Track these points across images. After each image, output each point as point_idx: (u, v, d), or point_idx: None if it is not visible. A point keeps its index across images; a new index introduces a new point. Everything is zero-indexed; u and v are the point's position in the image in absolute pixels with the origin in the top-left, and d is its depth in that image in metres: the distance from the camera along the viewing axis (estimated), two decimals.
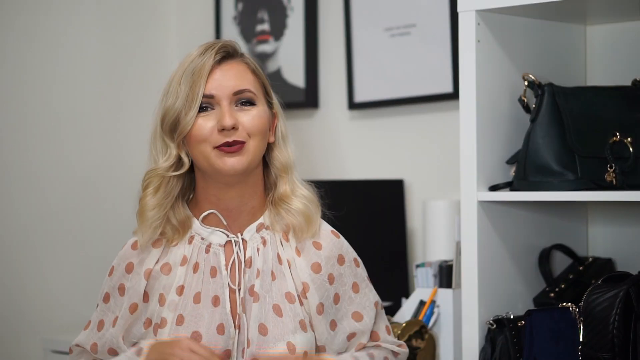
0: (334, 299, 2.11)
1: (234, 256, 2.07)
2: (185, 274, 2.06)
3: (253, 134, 2.04)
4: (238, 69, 2.07)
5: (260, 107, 2.07)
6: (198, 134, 2.03)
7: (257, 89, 2.08)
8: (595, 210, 2.66)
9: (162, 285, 2.06)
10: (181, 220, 2.09)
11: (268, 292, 2.06)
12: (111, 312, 2.11)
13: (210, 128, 2.02)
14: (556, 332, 2.26)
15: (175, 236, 2.08)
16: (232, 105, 2.04)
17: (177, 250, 2.08)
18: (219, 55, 2.06)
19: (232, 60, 2.08)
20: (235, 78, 2.06)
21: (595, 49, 2.65)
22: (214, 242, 2.08)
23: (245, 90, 2.05)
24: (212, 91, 2.03)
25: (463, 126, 2.37)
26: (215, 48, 2.06)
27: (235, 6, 3.62)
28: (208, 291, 2.05)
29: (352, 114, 3.37)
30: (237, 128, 2.02)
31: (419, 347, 2.64)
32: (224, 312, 2.04)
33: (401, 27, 3.20)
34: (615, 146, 2.32)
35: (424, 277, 2.79)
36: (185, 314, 2.03)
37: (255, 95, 2.06)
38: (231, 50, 2.08)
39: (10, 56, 3.36)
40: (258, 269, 2.06)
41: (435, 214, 2.96)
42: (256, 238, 2.09)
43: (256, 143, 2.04)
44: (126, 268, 2.10)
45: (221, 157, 2.02)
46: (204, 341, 2.01)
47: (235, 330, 2.03)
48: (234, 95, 2.04)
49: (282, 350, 2.02)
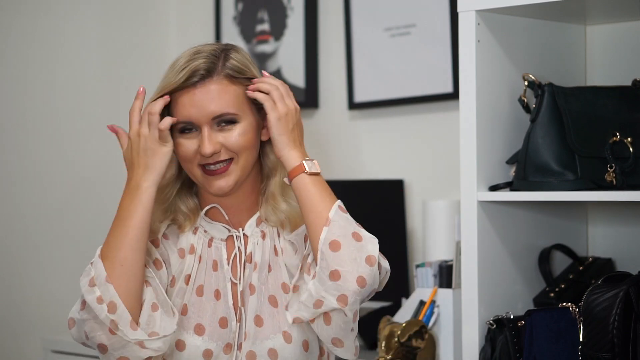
0: None
1: (235, 251, 2.08)
2: (193, 263, 2.08)
3: (238, 151, 2.03)
4: (217, 90, 2.02)
5: (243, 123, 2.04)
6: (183, 155, 2.04)
7: (239, 102, 2.04)
8: (595, 210, 2.66)
9: (176, 269, 2.07)
10: (191, 208, 2.10)
11: (264, 284, 2.07)
12: None
13: (194, 150, 2.03)
14: (556, 332, 2.26)
15: (186, 222, 2.09)
16: (214, 126, 2.03)
17: (185, 238, 2.09)
18: (195, 79, 2.02)
19: (211, 80, 2.02)
20: (214, 101, 2.01)
21: (595, 49, 2.65)
22: (216, 237, 2.09)
23: (224, 114, 2.03)
24: (192, 117, 2.01)
25: (463, 126, 2.37)
26: (191, 69, 2.01)
27: (235, 6, 3.62)
28: (210, 284, 2.07)
29: (352, 114, 3.37)
30: (218, 152, 2.02)
31: (419, 347, 2.64)
32: (227, 305, 2.05)
33: (401, 27, 3.21)
34: (615, 146, 2.31)
35: (424, 277, 2.79)
36: (189, 304, 2.05)
37: (236, 114, 2.03)
38: (205, 72, 2.02)
39: (11, 56, 3.36)
40: (256, 262, 2.07)
41: (435, 214, 2.96)
42: (257, 233, 2.10)
43: (244, 159, 2.04)
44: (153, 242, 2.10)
45: (207, 179, 2.03)
46: (206, 334, 2.03)
47: (237, 324, 2.04)
48: (213, 120, 2.03)
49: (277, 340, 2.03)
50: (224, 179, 2.03)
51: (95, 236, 3.47)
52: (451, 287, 2.72)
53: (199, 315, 2.05)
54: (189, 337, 2.03)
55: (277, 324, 2.04)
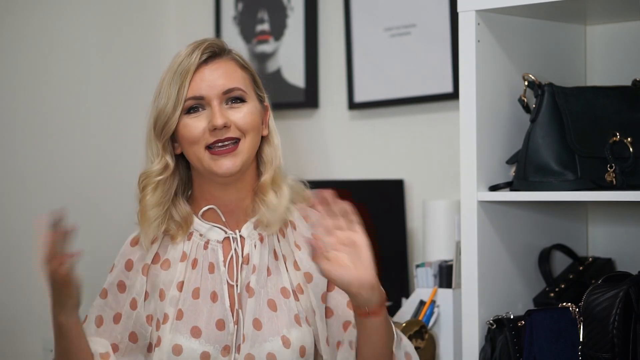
0: (329, 286, 2.11)
1: (232, 252, 2.08)
2: (185, 269, 2.07)
3: (246, 131, 2.04)
4: (226, 67, 2.06)
5: (251, 104, 2.06)
6: (190, 135, 2.03)
7: (247, 85, 2.08)
8: (595, 210, 2.66)
9: (162, 282, 2.07)
10: (183, 216, 2.10)
11: (263, 288, 2.06)
12: (109, 308, 2.12)
13: (202, 129, 2.03)
14: (556, 332, 2.26)
15: (179, 232, 2.09)
16: (223, 104, 2.04)
17: (176, 247, 2.09)
18: (206, 54, 2.05)
19: (220, 59, 2.07)
20: (224, 77, 2.05)
21: (595, 49, 2.65)
22: (212, 239, 2.09)
23: (234, 89, 2.05)
24: (202, 92, 2.03)
25: (463, 126, 2.37)
26: (202, 48, 2.05)
27: (235, 6, 3.62)
28: (207, 287, 2.06)
29: (352, 114, 3.36)
30: (228, 126, 2.02)
31: (419, 347, 2.63)
32: (223, 307, 2.05)
33: (401, 27, 3.20)
34: (615, 146, 2.31)
35: (424, 277, 2.79)
36: (184, 309, 2.04)
37: (245, 92, 2.06)
38: (217, 49, 2.07)
39: (9, 56, 3.35)
40: (254, 265, 2.07)
41: (435, 214, 2.96)
42: (254, 235, 2.09)
43: (250, 140, 2.05)
44: (126, 265, 2.11)
45: (215, 160, 2.03)
46: (203, 337, 2.02)
47: (234, 326, 2.04)
48: (224, 94, 2.04)
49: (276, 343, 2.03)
50: (231, 159, 2.03)
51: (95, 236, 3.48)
52: (451, 287, 2.72)
53: (195, 318, 2.04)
54: (186, 340, 2.02)
55: (276, 328, 2.04)
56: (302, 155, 3.39)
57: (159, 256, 2.10)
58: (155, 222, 2.07)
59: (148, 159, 2.11)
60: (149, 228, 2.07)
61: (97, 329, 2.12)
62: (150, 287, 2.08)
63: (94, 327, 2.12)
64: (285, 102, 3.36)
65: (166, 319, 2.04)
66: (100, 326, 2.12)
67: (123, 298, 2.10)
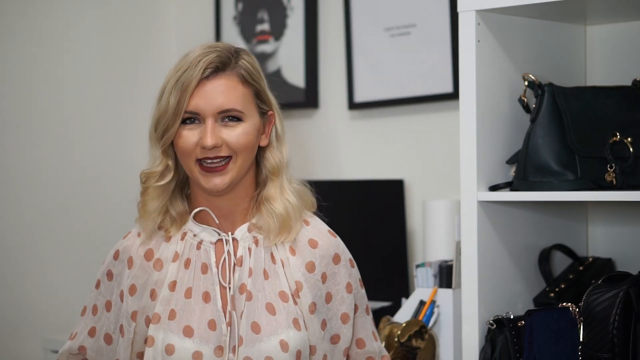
0: (326, 297, 2.11)
1: (225, 254, 2.08)
2: (177, 269, 2.08)
3: (238, 150, 2.03)
4: (227, 85, 2.04)
5: (247, 123, 2.05)
6: (182, 147, 2.04)
7: (246, 102, 2.05)
8: (595, 210, 2.66)
9: (154, 281, 2.07)
10: (179, 212, 2.11)
11: (261, 291, 2.06)
12: (102, 296, 2.14)
13: (194, 143, 2.03)
14: (556, 332, 2.26)
15: (172, 227, 2.10)
16: (218, 122, 2.03)
17: (169, 247, 2.09)
18: (209, 70, 2.03)
19: (223, 74, 2.04)
20: (223, 95, 2.03)
21: (595, 49, 2.65)
22: (205, 240, 2.09)
23: (230, 110, 2.03)
24: (198, 108, 2.02)
25: (463, 126, 2.37)
26: (207, 61, 2.03)
27: (235, 6, 3.62)
28: (199, 287, 2.06)
29: (352, 114, 3.37)
30: (219, 146, 2.02)
31: (419, 347, 2.64)
32: (215, 308, 2.04)
33: (401, 27, 3.21)
34: (615, 146, 2.32)
35: (424, 277, 2.79)
36: (177, 308, 2.05)
37: (242, 112, 2.04)
38: (221, 64, 2.04)
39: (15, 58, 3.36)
40: (250, 268, 2.07)
41: (435, 214, 2.96)
42: (248, 238, 2.09)
43: (241, 159, 2.04)
44: (114, 255, 2.13)
45: (204, 175, 2.03)
46: (195, 336, 2.02)
47: (227, 327, 2.03)
48: (219, 113, 2.03)
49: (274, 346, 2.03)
50: (220, 177, 2.03)
51: (96, 236, 3.48)
52: (451, 287, 2.72)
53: (187, 317, 2.04)
54: (178, 339, 2.02)
55: (274, 331, 2.04)
56: (302, 155, 3.40)
57: (152, 252, 2.10)
58: (154, 214, 2.09)
59: (151, 157, 2.12)
60: (148, 219, 2.09)
61: (94, 317, 2.15)
62: (141, 285, 2.08)
63: (92, 316, 2.15)
64: (285, 102, 3.35)
65: (156, 318, 2.05)
66: (96, 314, 2.14)
67: (110, 286, 2.14)
